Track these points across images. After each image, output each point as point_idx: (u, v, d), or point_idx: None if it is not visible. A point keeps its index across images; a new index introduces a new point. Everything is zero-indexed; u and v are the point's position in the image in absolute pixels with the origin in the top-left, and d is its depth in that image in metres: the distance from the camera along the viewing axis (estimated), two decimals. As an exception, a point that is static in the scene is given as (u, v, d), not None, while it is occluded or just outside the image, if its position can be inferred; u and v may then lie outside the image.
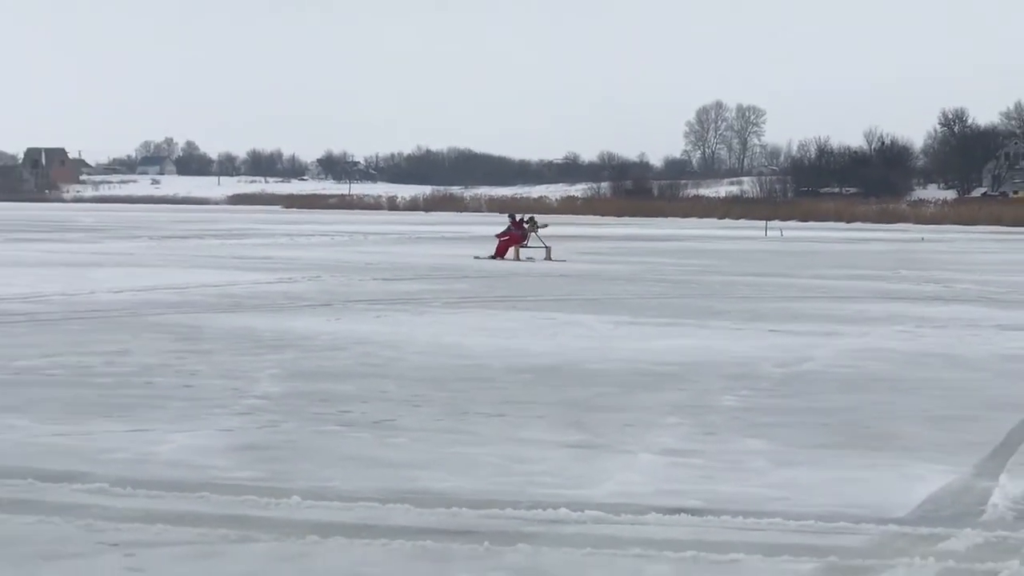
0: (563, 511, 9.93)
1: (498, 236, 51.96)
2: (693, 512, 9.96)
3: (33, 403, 14.46)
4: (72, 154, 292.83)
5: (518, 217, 53.66)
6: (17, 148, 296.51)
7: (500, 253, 50.15)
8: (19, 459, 11.51)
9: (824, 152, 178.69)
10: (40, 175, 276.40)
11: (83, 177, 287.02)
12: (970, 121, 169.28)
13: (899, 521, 9.83)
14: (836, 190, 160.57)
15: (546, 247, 50.31)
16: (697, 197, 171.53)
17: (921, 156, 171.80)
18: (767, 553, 8.88)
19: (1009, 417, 14.29)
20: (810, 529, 9.57)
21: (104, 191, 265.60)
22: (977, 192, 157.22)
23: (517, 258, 49.04)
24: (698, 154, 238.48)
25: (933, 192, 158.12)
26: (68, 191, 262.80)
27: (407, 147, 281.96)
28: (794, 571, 8.50)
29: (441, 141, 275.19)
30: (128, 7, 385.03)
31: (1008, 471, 11.57)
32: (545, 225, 51.90)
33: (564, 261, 47.68)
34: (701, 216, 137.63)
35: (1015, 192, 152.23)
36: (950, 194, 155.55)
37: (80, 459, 11.54)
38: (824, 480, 11.19)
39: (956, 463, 11.90)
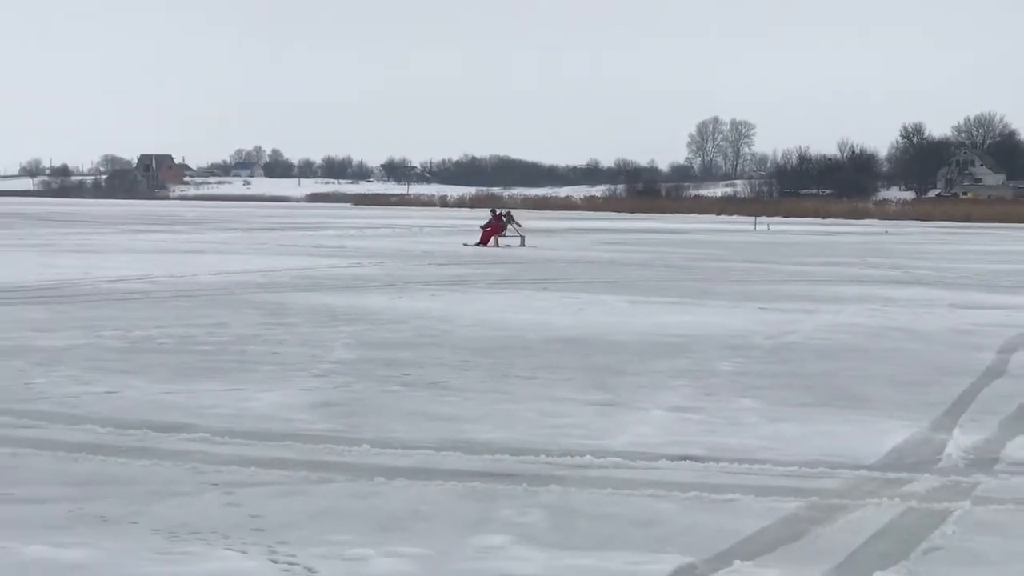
0: (588, 458, 9.93)
1: (482, 227, 52.75)
2: (697, 459, 9.94)
3: (147, 367, 14.49)
4: (177, 159, 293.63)
5: (498, 212, 54.94)
6: (132, 154, 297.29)
7: (484, 241, 51.01)
8: (136, 413, 11.54)
9: (804, 159, 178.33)
10: (151, 177, 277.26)
11: (186, 179, 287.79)
12: (926, 134, 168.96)
13: (869, 467, 9.81)
14: (814, 191, 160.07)
15: (521, 236, 51.04)
16: (697, 197, 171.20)
17: (885, 163, 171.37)
18: (759, 494, 8.85)
19: (960, 381, 14.24)
20: (795, 474, 9.54)
21: (204, 191, 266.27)
22: (932, 193, 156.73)
23: (496, 245, 49.68)
24: (698, 160, 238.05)
25: (895, 193, 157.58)
26: (174, 191, 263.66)
27: (455, 154, 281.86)
28: (781, 509, 8.45)
29: (484, 149, 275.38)
30: (220, 38, 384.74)
31: (960, 426, 11.53)
32: (519, 225, 52.38)
33: (535, 248, 48.07)
34: (701, 213, 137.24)
35: (964, 193, 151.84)
36: (909, 195, 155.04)
37: (186, 413, 11.57)
38: (806, 433, 11.15)
39: (916, 419, 11.85)
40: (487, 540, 7.63)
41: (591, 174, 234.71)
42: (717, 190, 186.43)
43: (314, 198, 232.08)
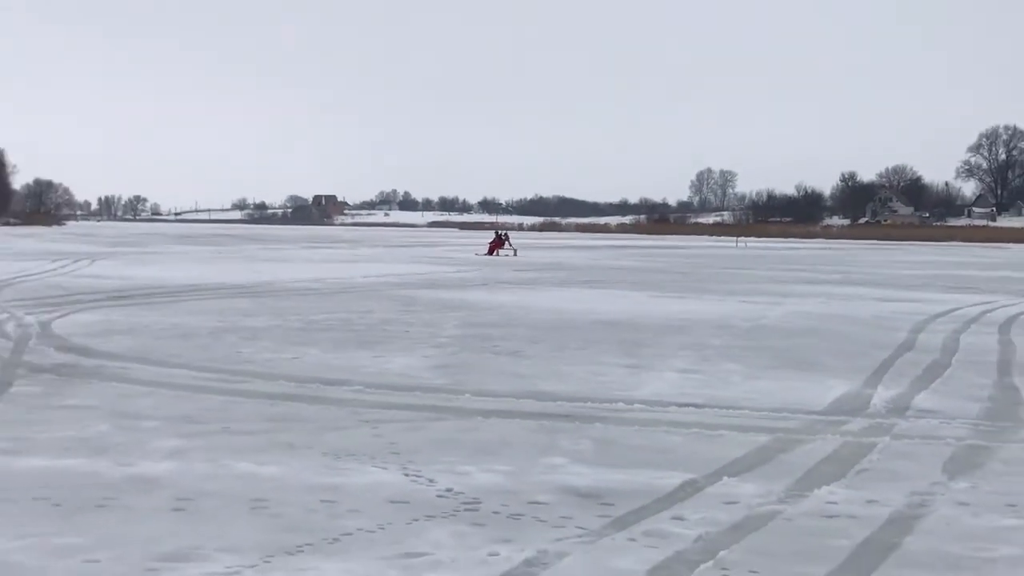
0: (621, 404, 9.90)
1: (490, 243, 54.21)
2: (696, 406, 9.89)
3: (319, 340, 14.58)
4: (340, 198, 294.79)
5: (500, 233, 56.60)
6: (308, 194, 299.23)
7: (489, 252, 51.85)
8: (311, 372, 11.62)
9: (771, 197, 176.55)
10: (321, 210, 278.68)
11: (346, 212, 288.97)
12: (859, 178, 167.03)
13: (818, 413, 9.72)
14: (778, 219, 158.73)
15: (514, 250, 52.22)
16: (696, 223, 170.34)
17: (829, 199, 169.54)
18: (740, 431, 8.80)
19: (883, 353, 14.08)
20: (766, 417, 9.47)
21: (357, 220, 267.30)
22: (862, 220, 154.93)
23: (497, 255, 50.72)
24: (697, 198, 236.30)
25: (836, 220, 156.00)
26: (337, 220, 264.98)
27: (529, 193, 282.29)
28: (756, 441, 8.40)
29: (549, 190, 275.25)
30: (371, 109, 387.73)
31: (883, 384, 11.40)
32: (513, 249, 52.84)
33: (524, 258, 48.23)
34: (698, 235, 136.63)
35: (884, 220, 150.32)
36: (846, 221, 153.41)
37: (345, 372, 11.63)
38: (774, 388, 11.07)
39: (851, 379, 11.74)
40: (552, 460, 7.64)
41: (622, 208, 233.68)
42: (710, 219, 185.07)
43: (432, 225, 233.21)
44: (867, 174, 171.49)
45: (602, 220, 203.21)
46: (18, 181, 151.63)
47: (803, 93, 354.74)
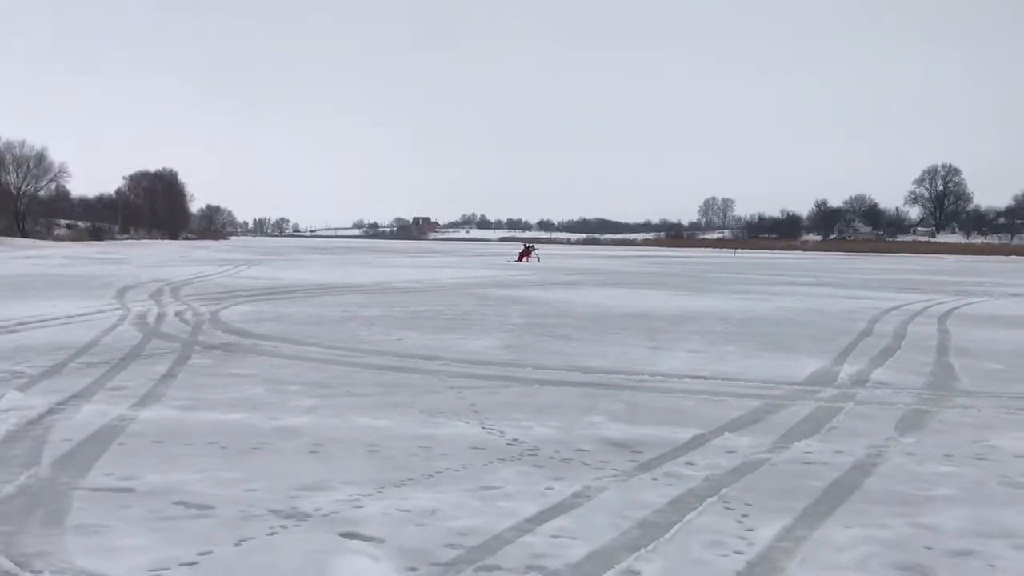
0: (645, 376, 9.83)
1: (520, 253, 53.21)
2: (704, 378, 9.80)
3: (416, 326, 14.64)
4: (432, 219, 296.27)
5: (526, 245, 56.40)
6: (409, 215, 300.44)
7: (519, 259, 51.13)
8: (412, 350, 11.66)
9: (761, 219, 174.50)
10: (419, 228, 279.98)
11: (437, 229, 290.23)
12: (829, 204, 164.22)
13: (798, 384, 9.58)
14: (766, 236, 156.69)
15: (539, 258, 51.60)
16: (703, 239, 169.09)
17: (806, 220, 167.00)
18: (738, 397, 8.70)
19: (847, 339, 13.86)
20: (757, 387, 9.35)
21: (445, 235, 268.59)
22: (832, 237, 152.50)
23: (526, 261, 50.03)
24: (704, 219, 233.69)
25: (811, 237, 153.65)
26: (430, 236, 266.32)
27: (575, 216, 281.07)
28: (750, 405, 8.30)
29: (591, 213, 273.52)
30: (460, 140, 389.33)
31: (847, 362, 11.21)
32: (537, 249, 54.73)
33: (552, 264, 48.39)
34: (705, 247, 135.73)
35: (850, 237, 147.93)
36: (819, 238, 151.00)
37: (436, 350, 11.65)
38: (763, 365, 10.93)
39: (823, 358, 11.56)
40: (593, 419, 7.61)
41: (647, 227, 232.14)
42: (714, 235, 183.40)
43: (502, 240, 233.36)
44: (835, 200, 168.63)
45: (631, 236, 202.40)
46: (194, 206, 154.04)
47: (787, 135, 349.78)
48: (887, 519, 5.20)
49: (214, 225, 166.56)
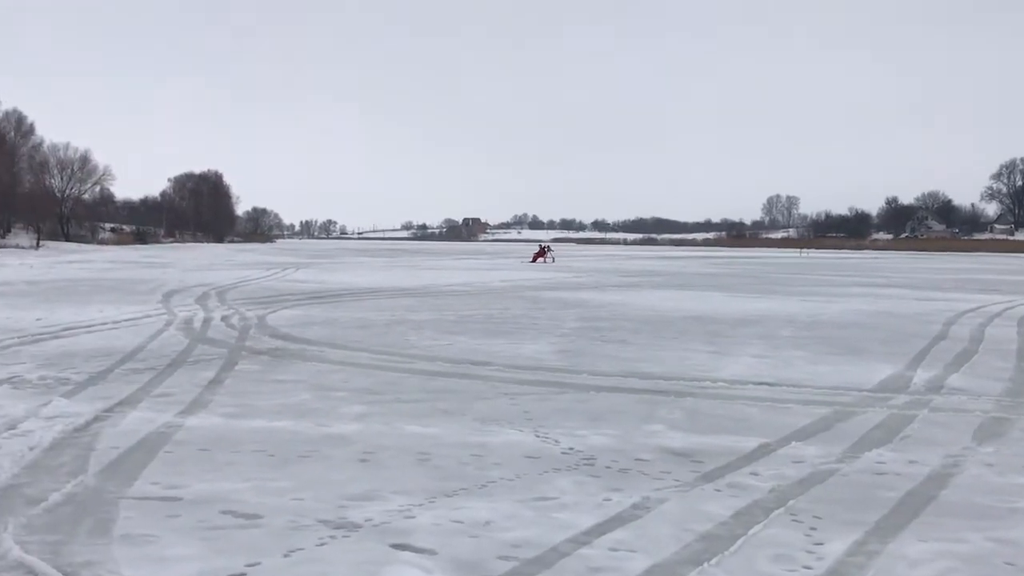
0: (707, 382, 9.76)
1: (535, 253, 54.66)
2: (769, 384, 9.70)
3: (466, 330, 14.68)
4: (483, 220, 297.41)
5: (541, 245, 58.12)
6: (459, 216, 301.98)
7: (533, 260, 52.25)
8: (463, 355, 11.69)
9: (828, 216, 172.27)
10: (469, 229, 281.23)
11: (488, 230, 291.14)
12: (900, 201, 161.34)
13: (868, 390, 9.44)
14: (834, 235, 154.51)
15: (553, 258, 52.75)
16: (766, 238, 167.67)
17: (875, 218, 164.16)
18: (805, 404, 8.60)
19: (921, 342, 13.61)
20: (825, 393, 9.23)
21: (496, 237, 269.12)
22: (903, 235, 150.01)
23: (545, 261, 51.08)
24: (768, 218, 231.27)
25: (881, 236, 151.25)
26: (480, 237, 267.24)
27: (631, 215, 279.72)
28: (817, 413, 8.19)
29: (647, 213, 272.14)
30: (504, 143, 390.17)
31: (922, 367, 11.02)
32: (552, 249, 56.43)
33: (563, 265, 48.86)
34: (768, 247, 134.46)
35: (922, 235, 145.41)
36: (889, 237, 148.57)
37: (487, 355, 11.68)
38: (832, 370, 10.78)
39: (895, 363, 11.37)
40: (652, 427, 7.57)
41: (706, 226, 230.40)
42: (778, 234, 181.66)
43: (554, 241, 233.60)
44: (907, 198, 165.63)
45: (690, 236, 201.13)
46: (240, 208, 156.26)
47: (855, 129, 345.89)
48: (965, 533, 5.09)
49: (260, 228, 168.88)
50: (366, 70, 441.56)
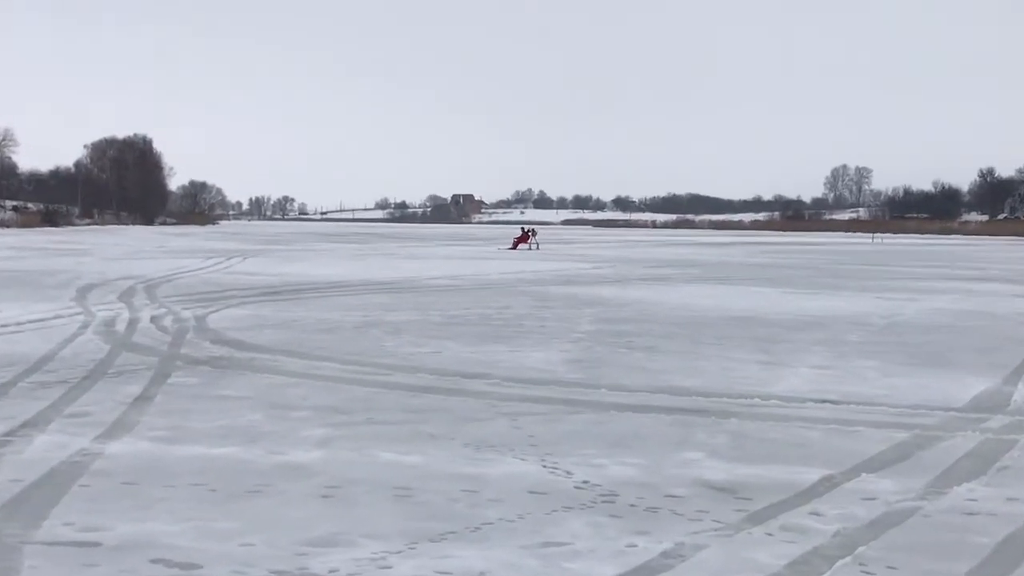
0: (756, 400, 9.77)
1: (516, 238, 56.97)
2: (833, 402, 9.71)
3: (458, 335, 14.70)
4: (477, 197, 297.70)
5: (524, 228, 59.64)
6: (447, 193, 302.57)
7: (513, 247, 54.75)
8: (451, 366, 11.71)
9: (907, 193, 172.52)
10: (459, 209, 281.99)
11: (483, 210, 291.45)
12: (997, 174, 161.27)
13: (957, 409, 9.45)
14: (914, 215, 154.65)
15: (537, 245, 54.87)
16: (830, 220, 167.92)
17: (966, 195, 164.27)
18: (878, 427, 8.61)
19: (1022, 349, 13.64)
20: (903, 414, 9.24)
21: (494, 218, 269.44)
22: (1001, 216, 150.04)
23: (517, 248, 53.87)
24: (832, 194, 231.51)
25: (974, 217, 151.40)
26: (474, 218, 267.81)
27: (662, 192, 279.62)
28: (894, 438, 8.20)
29: (682, 188, 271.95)
30: (508, 111, 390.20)
31: (1023, 381, 11.05)
32: (536, 233, 57.87)
33: (543, 251, 51.45)
34: (832, 231, 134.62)
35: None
36: (984, 218, 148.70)
37: (484, 366, 11.70)
38: (911, 384, 10.80)
39: (991, 376, 11.39)
40: (687, 455, 7.58)
41: (755, 204, 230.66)
42: (845, 215, 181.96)
43: (566, 223, 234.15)
44: (1006, 170, 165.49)
45: (735, 217, 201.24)
46: (174, 183, 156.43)
47: (940, 88, 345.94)
48: (1079, 589, 5.10)
49: (199, 206, 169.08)
50: (331, 13, 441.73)
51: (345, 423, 8.55)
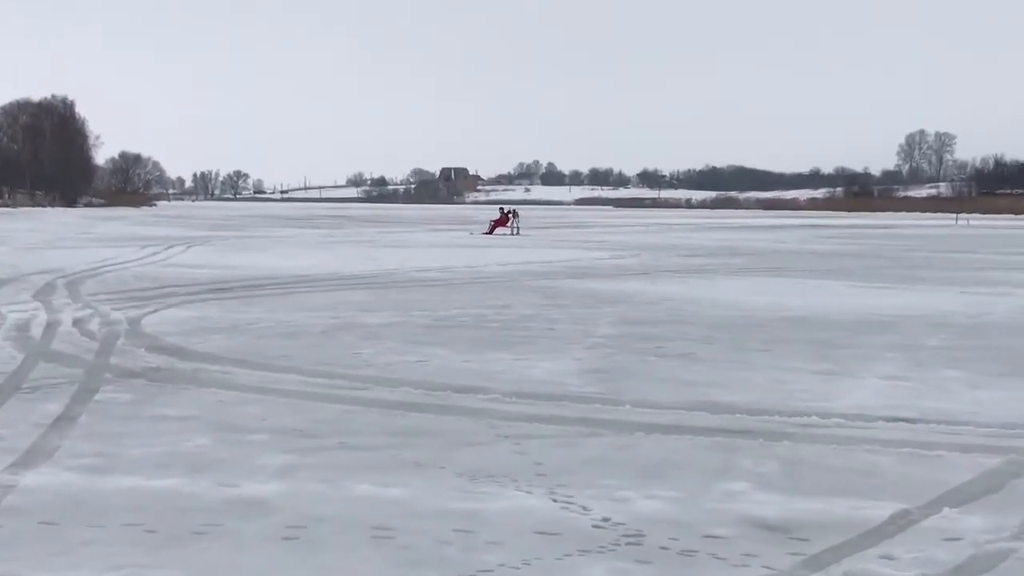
0: (814, 418, 9.77)
1: (493, 221, 58.81)
2: (908, 421, 9.70)
3: (449, 340, 14.71)
4: (472, 171, 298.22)
5: (505, 209, 60.89)
6: (435, 167, 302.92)
7: (490, 231, 56.73)
8: (441, 378, 11.72)
9: (999, 164, 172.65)
10: (450, 187, 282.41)
11: (479, 187, 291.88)
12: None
13: (1060, 429, 9.45)
14: (1008, 191, 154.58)
15: (518, 227, 56.39)
16: (905, 198, 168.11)
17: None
18: (963, 451, 8.60)
19: None
20: (994, 434, 9.24)
21: (492, 196, 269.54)
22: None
23: (494, 232, 56.06)
24: (906, 166, 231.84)
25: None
26: (468, 197, 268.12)
27: (698, 164, 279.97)
28: (983, 464, 8.20)
29: (722, 159, 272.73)
30: (509, 69, 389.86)
31: None
32: (518, 215, 58.97)
33: (527, 235, 53.55)
34: (908, 211, 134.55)
35: None
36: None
37: (481, 378, 11.70)
38: (1004, 398, 10.80)
39: (1101, 388, 11.39)
40: (730, 486, 7.58)
41: (813, 179, 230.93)
42: (922, 191, 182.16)
43: (581, 202, 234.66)
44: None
45: (788, 194, 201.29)
46: (101, 155, 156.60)
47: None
48: None
49: (132, 184, 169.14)
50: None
51: (312, 448, 8.54)
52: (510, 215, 58.36)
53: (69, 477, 7.66)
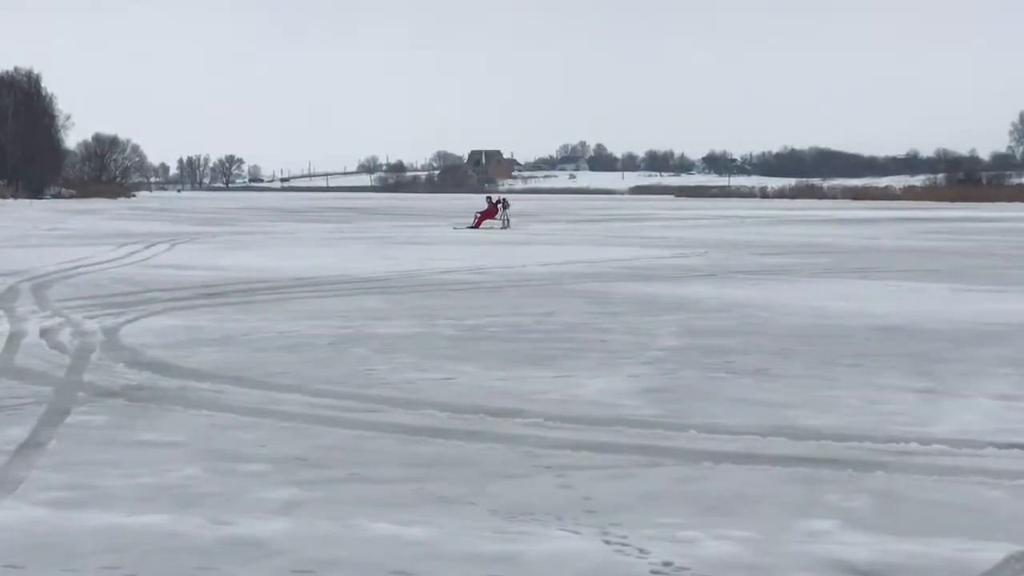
0: (913, 444, 9.74)
1: (480, 213, 60.05)
2: (1024, 448, 9.67)
3: (479, 353, 14.71)
4: (506, 155, 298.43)
5: (494, 199, 63.02)
6: (463, 151, 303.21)
7: (476, 224, 58.22)
8: (471, 398, 11.72)
9: None
10: (480, 172, 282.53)
11: (515, 173, 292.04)
12: None
13: None
14: None
15: (508, 220, 58.50)
16: (1020, 185, 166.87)
17: None
18: (1090, 483, 8.57)
19: None
20: None
21: (531, 184, 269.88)
22: None
23: (480, 226, 57.54)
24: (1021, 149, 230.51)
25: None
26: (503, 184, 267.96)
27: (775, 146, 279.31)
28: (1115, 498, 8.17)
29: (803, 141, 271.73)
30: (545, 38, 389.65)
31: None
32: (508, 205, 60.71)
33: (515, 230, 55.30)
34: (1021, 201, 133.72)
35: None
36: None
37: (518, 399, 11.70)
38: None
39: None
40: (814, 524, 7.55)
41: (910, 164, 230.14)
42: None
43: (637, 191, 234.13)
44: None
45: (881, 182, 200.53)
46: (72, 139, 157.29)
47: None
48: None
49: (108, 172, 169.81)
50: None
51: (319, 481, 8.56)
52: (499, 206, 59.54)
53: (37, 513, 7.68)
